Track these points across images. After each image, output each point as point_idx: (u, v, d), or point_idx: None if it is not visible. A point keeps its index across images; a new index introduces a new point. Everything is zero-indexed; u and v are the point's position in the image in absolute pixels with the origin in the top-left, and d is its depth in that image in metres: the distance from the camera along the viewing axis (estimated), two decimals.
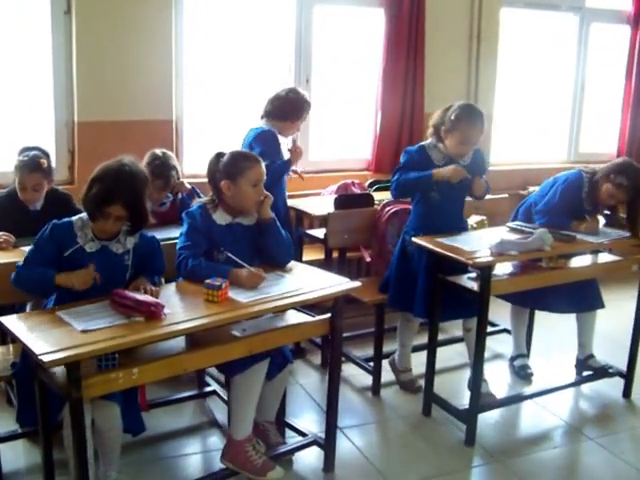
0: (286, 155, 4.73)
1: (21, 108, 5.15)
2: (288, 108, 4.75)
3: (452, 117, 3.93)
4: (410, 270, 4.10)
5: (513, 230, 4.15)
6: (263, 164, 3.47)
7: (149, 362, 2.79)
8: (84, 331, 2.64)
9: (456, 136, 3.94)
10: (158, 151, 4.42)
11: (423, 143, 4.13)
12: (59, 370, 2.62)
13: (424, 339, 4.19)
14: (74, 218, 3.14)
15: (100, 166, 3.15)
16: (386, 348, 4.48)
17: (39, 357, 2.43)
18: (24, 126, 5.15)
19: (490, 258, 3.61)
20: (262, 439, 3.58)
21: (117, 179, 3.03)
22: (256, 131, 4.70)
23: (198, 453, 3.79)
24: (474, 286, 3.69)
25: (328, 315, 3.35)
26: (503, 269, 3.90)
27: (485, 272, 3.58)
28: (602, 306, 4.41)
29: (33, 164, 4.05)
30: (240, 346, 3.05)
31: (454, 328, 4.87)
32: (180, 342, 3.01)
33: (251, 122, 4.89)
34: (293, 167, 4.78)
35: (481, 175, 4.13)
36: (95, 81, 5.03)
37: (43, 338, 2.60)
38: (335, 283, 3.32)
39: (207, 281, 3.02)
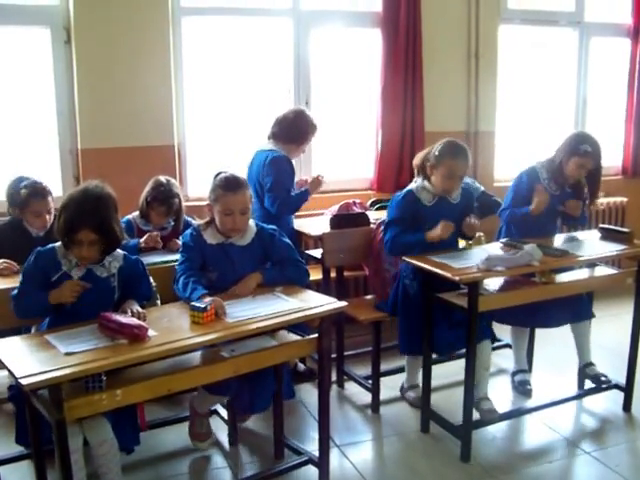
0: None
1: (27, 137, 5.28)
2: (295, 131, 4.79)
3: (436, 153, 4.00)
4: (416, 313, 4.09)
5: (506, 246, 4.16)
6: (247, 192, 3.52)
7: (133, 383, 2.84)
8: (68, 354, 2.70)
9: (441, 171, 3.99)
10: (162, 178, 4.50)
11: (410, 187, 4.16)
12: (45, 392, 2.67)
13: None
14: (57, 245, 3.20)
15: (67, 195, 3.20)
16: (385, 366, 4.52)
17: (19, 380, 2.49)
18: (30, 154, 5.29)
19: (477, 274, 3.63)
20: None
21: (81, 205, 3.07)
22: (270, 155, 4.72)
23: (199, 472, 3.83)
24: (463, 302, 3.70)
25: (315, 335, 3.37)
26: (496, 285, 3.93)
27: (472, 288, 3.61)
28: (591, 316, 4.46)
29: (42, 190, 4.17)
30: (226, 366, 3.09)
31: None
32: (169, 363, 3.05)
33: (253, 143, 4.96)
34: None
35: (470, 212, 4.21)
36: (97, 108, 5.15)
37: (27, 361, 2.66)
38: (322, 303, 3.34)
39: (192, 303, 3.08)
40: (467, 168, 4.09)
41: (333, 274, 4.75)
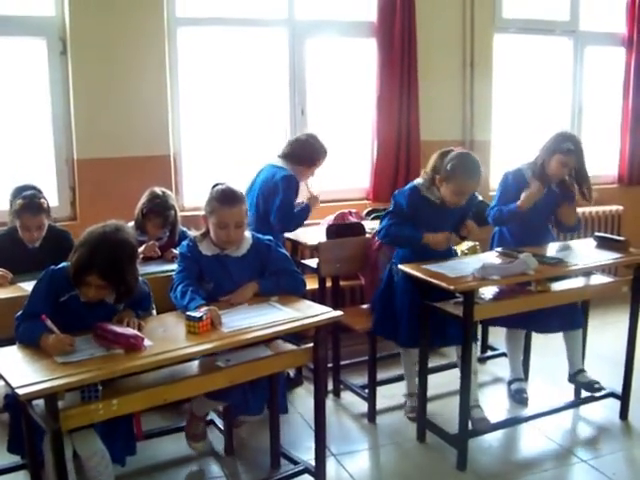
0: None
1: (23, 147, 5.30)
2: (305, 153, 4.87)
3: (448, 167, 3.94)
4: (395, 300, 4.14)
5: (502, 255, 4.17)
6: (243, 206, 3.52)
7: (129, 393, 2.84)
8: (64, 363, 2.70)
9: (451, 187, 3.95)
10: (158, 190, 4.51)
11: (416, 183, 4.13)
12: (41, 402, 2.67)
13: (433, 362, 4.29)
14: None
15: (87, 230, 3.12)
16: (381, 375, 4.53)
17: (15, 390, 2.50)
18: (27, 164, 5.30)
19: (472, 283, 3.63)
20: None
21: (95, 248, 2.99)
22: (281, 173, 4.77)
23: None
24: (459, 311, 3.70)
25: (311, 344, 3.37)
26: (491, 294, 3.93)
27: (468, 297, 3.61)
28: (581, 326, 4.47)
29: (36, 206, 4.15)
30: (221, 376, 3.10)
31: (455, 352, 4.88)
32: (165, 373, 3.05)
33: (248, 151, 4.98)
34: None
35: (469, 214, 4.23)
36: (92, 119, 5.16)
37: (23, 371, 2.67)
38: (317, 312, 3.34)
39: (188, 313, 3.08)
40: (478, 186, 4.07)
41: (329, 284, 4.76)
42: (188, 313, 3.08)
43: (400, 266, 3.96)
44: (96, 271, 2.97)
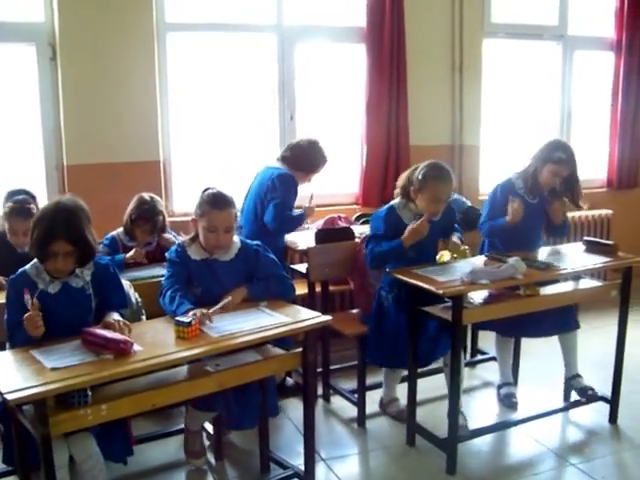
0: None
1: (13, 153, 5.31)
2: (305, 159, 4.85)
3: (420, 177, 3.96)
4: (388, 326, 4.12)
5: (490, 259, 4.18)
6: (232, 211, 3.54)
7: (118, 398, 2.84)
8: (53, 369, 2.70)
9: (426, 195, 3.96)
10: (146, 195, 4.52)
11: (392, 203, 4.15)
12: (31, 407, 2.68)
13: None
14: (27, 267, 3.18)
15: (40, 209, 3.23)
16: (370, 380, 4.52)
17: (4, 395, 2.50)
18: (16, 170, 5.30)
19: (461, 287, 3.64)
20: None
21: (54, 217, 3.07)
22: (278, 172, 4.77)
23: None
24: (448, 315, 3.70)
25: (300, 349, 3.37)
26: (480, 298, 3.94)
27: (456, 301, 3.62)
28: (577, 327, 4.47)
29: (24, 211, 4.13)
30: (210, 381, 3.10)
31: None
32: (154, 378, 3.05)
33: (241, 157, 4.98)
34: None
35: (453, 229, 4.26)
36: (82, 124, 5.16)
37: (12, 376, 2.66)
38: (307, 317, 3.34)
39: (177, 318, 3.08)
40: (452, 191, 4.09)
41: (318, 288, 4.77)
42: (177, 318, 3.08)
43: (389, 270, 3.97)
44: (61, 236, 3.03)
